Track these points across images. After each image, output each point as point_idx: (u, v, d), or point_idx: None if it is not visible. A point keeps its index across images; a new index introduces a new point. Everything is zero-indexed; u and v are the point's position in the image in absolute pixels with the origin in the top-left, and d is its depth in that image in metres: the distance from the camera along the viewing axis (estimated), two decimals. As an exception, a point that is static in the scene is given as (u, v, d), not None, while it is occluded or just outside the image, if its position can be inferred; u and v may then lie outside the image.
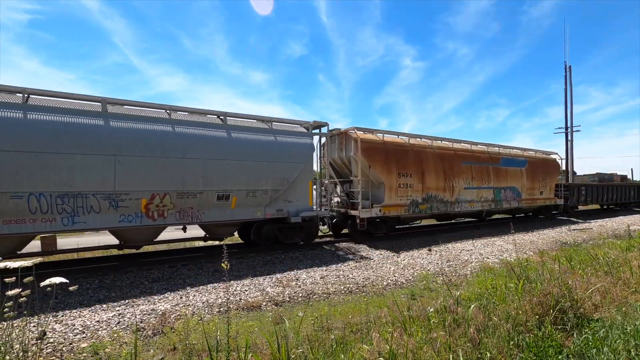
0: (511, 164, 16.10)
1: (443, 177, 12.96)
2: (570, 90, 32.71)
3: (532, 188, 17.10)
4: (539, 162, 17.97)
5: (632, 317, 4.03)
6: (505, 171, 15.67)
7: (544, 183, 17.92)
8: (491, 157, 15.31)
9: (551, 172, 18.73)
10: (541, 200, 18.00)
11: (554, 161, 19.55)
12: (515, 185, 16.18)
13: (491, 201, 14.91)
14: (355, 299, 5.94)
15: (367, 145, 11.05)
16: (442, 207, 13.03)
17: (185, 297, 5.93)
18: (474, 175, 14.13)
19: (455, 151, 13.92)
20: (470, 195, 14.05)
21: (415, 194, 12.10)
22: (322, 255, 9.40)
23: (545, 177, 17.98)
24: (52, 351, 3.97)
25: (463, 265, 8.27)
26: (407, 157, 12.05)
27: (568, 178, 32.56)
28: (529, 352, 3.30)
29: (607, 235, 12.78)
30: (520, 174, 16.50)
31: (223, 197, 8.46)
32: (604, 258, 6.90)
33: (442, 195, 12.97)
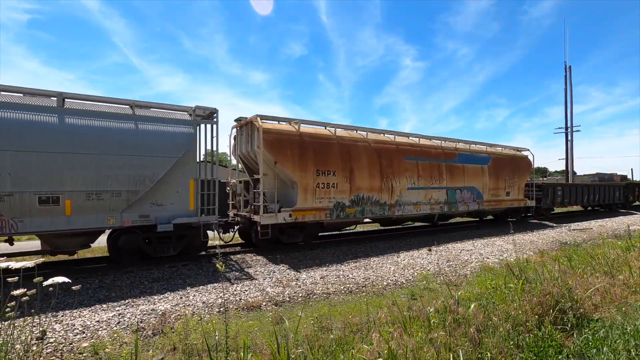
0: (470, 160, 14.27)
1: (379, 176, 11.14)
2: (570, 90, 32.75)
3: (496, 188, 15.22)
4: (505, 159, 16.05)
5: (632, 317, 4.03)
6: (462, 169, 13.80)
7: (511, 182, 15.97)
8: (445, 152, 13.40)
9: (521, 170, 16.71)
10: (508, 202, 15.99)
11: (525, 158, 17.47)
12: (475, 185, 14.29)
13: (444, 203, 13.06)
14: (355, 299, 5.94)
15: (273, 137, 9.24)
16: (378, 211, 11.18)
17: (185, 297, 5.93)
18: (420, 173, 12.29)
19: (398, 146, 12.00)
20: (415, 197, 12.19)
21: (340, 195, 10.26)
22: (322, 255, 9.39)
23: (512, 176, 16.03)
24: (53, 351, 3.97)
25: (463, 265, 8.27)
26: (331, 151, 10.16)
27: (568, 178, 32.58)
28: (529, 352, 3.31)
29: (607, 235, 12.78)
30: (482, 173, 14.62)
31: (49, 200, 6.60)
32: (604, 258, 6.90)
33: (378, 196, 11.15)
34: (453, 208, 13.51)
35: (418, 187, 12.29)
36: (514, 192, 16.31)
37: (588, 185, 22.90)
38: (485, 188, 14.82)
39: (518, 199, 16.59)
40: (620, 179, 38.32)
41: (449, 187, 13.31)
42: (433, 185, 12.73)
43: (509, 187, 15.95)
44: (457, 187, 13.59)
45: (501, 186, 15.55)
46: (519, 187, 16.54)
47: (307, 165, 9.68)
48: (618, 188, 25.10)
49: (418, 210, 12.36)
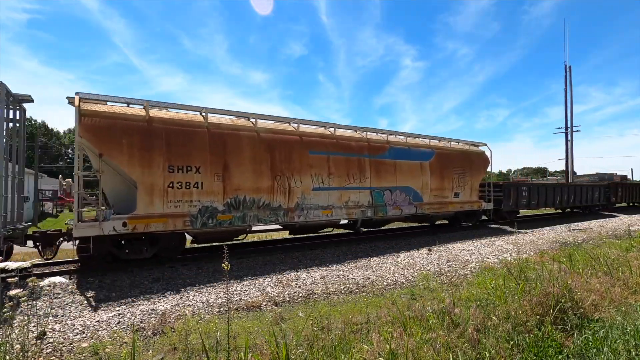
0: (406, 156, 12.07)
1: (270, 173, 8.95)
2: (570, 90, 32.76)
3: (440, 188, 12.99)
4: (454, 155, 13.81)
5: (632, 317, 4.03)
6: (393, 166, 11.64)
7: (461, 182, 13.70)
8: (370, 146, 11.18)
9: (474, 167, 14.41)
10: (456, 205, 13.63)
11: (481, 154, 15.19)
12: (412, 184, 12.12)
13: (367, 207, 10.87)
14: (355, 299, 5.94)
15: (97, 122, 7.19)
16: (269, 216, 8.98)
17: (185, 297, 5.93)
18: (333, 170, 10.12)
19: (302, 137, 9.80)
20: (325, 199, 10.00)
21: (208, 197, 8.10)
22: (322, 255, 9.39)
23: (463, 174, 13.82)
24: (52, 351, 3.97)
25: (463, 265, 8.27)
26: (195, 142, 8.02)
27: (568, 178, 32.58)
28: (529, 352, 3.31)
29: (607, 235, 12.78)
30: (421, 170, 12.39)
31: None
32: (604, 258, 6.90)
33: (268, 199, 8.98)
34: (380, 212, 11.19)
35: (329, 187, 10.05)
36: (465, 193, 13.98)
37: (561, 185, 21.03)
38: (425, 188, 12.49)
39: (470, 200, 14.22)
40: (620, 179, 38.34)
41: (375, 188, 11.08)
42: (351, 185, 10.50)
43: (458, 187, 13.67)
44: (386, 187, 11.39)
45: (447, 186, 13.28)
46: (471, 187, 14.25)
47: (154, 159, 7.53)
48: (598, 188, 23.19)
49: (329, 216, 10.06)
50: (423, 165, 12.60)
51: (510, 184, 17.34)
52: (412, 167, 12.22)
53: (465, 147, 14.84)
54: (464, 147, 14.83)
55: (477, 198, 14.70)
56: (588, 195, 21.80)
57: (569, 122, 32.87)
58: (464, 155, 14.34)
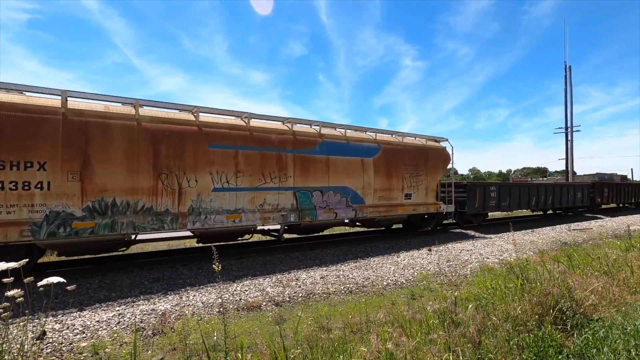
0: (343, 151, 10.51)
1: (152, 171, 7.42)
2: (570, 90, 32.78)
3: (387, 189, 11.40)
4: (405, 151, 12.10)
5: (632, 317, 4.03)
6: (326, 162, 10.03)
7: (413, 181, 12.10)
8: (296, 139, 9.62)
9: (431, 165, 12.75)
10: (408, 207, 11.98)
11: (439, 150, 13.46)
12: (351, 184, 10.53)
13: (289, 211, 9.31)
14: (355, 299, 5.95)
15: None
16: (151, 223, 7.42)
17: (185, 297, 5.94)
18: (242, 167, 8.57)
19: (201, 127, 8.17)
20: (230, 202, 8.42)
21: (58, 201, 6.67)
22: (322, 255, 9.40)
23: (417, 173, 12.23)
24: (52, 351, 3.97)
25: (463, 265, 8.27)
26: (41, 131, 6.56)
27: (568, 178, 32.60)
28: (529, 352, 3.31)
29: (607, 235, 12.78)
30: (362, 168, 10.82)
31: None
32: (604, 258, 6.90)
33: (149, 202, 7.42)
34: (307, 217, 9.60)
35: (236, 187, 8.50)
36: (419, 194, 12.34)
37: (538, 185, 19.27)
38: (368, 188, 10.90)
39: (426, 202, 12.57)
40: (620, 179, 38.36)
41: (301, 188, 9.53)
42: (268, 185, 8.95)
43: (410, 188, 12.04)
44: (315, 187, 9.81)
45: (396, 186, 11.66)
46: (427, 188, 12.58)
47: None
48: (581, 188, 21.52)
49: (237, 221, 8.48)
50: (366, 162, 10.93)
51: (475, 184, 15.51)
52: (350, 165, 10.59)
53: (420, 142, 13.08)
54: (419, 142, 13.05)
55: (434, 199, 12.93)
56: (569, 196, 20.20)
57: (569, 122, 32.90)
58: (419, 151, 12.57)
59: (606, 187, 23.81)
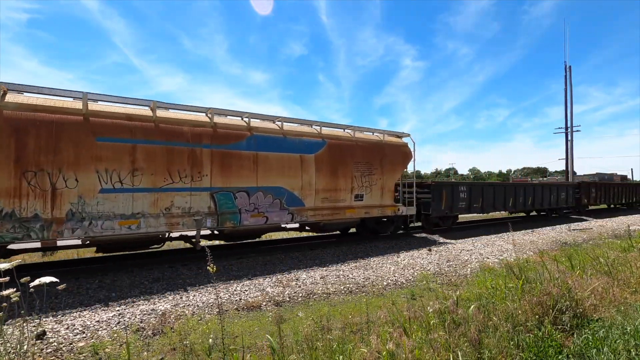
0: (277, 147, 9.18)
1: (13, 168, 6.24)
2: (570, 90, 32.78)
3: (332, 189, 10.14)
4: (356, 147, 10.78)
5: (632, 317, 4.03)
6: (253, 159, 8.69)
7: (365, 181, 10.81)
8: (216, 132, 8.31)
9: (387, 162, 11.41)
10: (359, 210, 10.68)
11: (398, 146, 12.01)
12: (286, 184, 9.23)
13: (206, 214, 8.02)
14: (355, 299, 5.95)
15: None
16: (10, 231, 6.13)
17: (185, 297, 5.94)
18: (141, 164, 7.34)
19: (87, 116, 6.95)
20: (125, 205, 7.17)
21: None
22: (322, 255, 9.40)
23: (370, 171, 10.93)
24: (52, 351, 3.97)
25: (463, 265, 8.27)
26: None
27: (568, 178, 32.60)
28: (529, 352, 3.31)
29: (607, 235, 12.78)
30: (301, 166, 9.51)
31: None
32: (604, 258, 6.90)
33: (10, 206, 6.21)
34: (229, 221, 8.33)
35: (132, 188, 7.24)
36: (373, 195, 11.02)
37: (515, 184, 17.97)
38: (308, 189, 9.61)
39: (382, 204, 11.24)
40: (620, 179, 38.36)
41: (221, 189, 8.23)
42: (176, 185, 7.63)
43: (362, 188, 10.74)
44: (240, 187, 8.51)
45: (344, 186, 10.37)
46: (383, 188, 11.24)
47: None
48: (565, 189, 20.08)
49: (134, 228, 7.18)
50: (306, 159, 9.61)
51: (441, 184, 14.14)
52: (286, 162, 9.26)
53: (376, 137, 11.69)
54: (375, 137, 11.68)
55: (392, 201, 11.56)
56: (552, 197, 18.77)
57: (569, 122, 32.90)
58: (373, 147, 11.23)
59: (593, 187, 22.31)
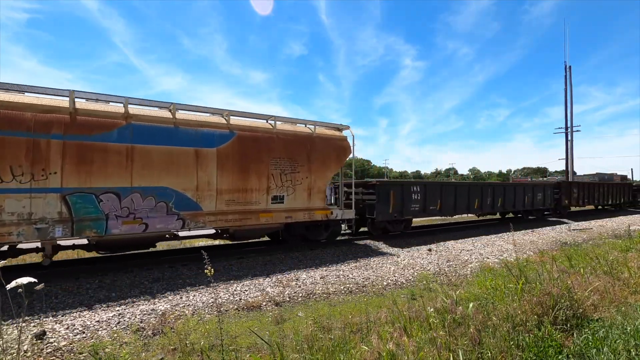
0: (165, 138, 7.60)
1: None
2: (570, 90, 32.77)
3: (242, 190, 8.58)
4: (278, 140, 9.23)
5: (632, 317, 4.03)
6: (127, 153, 7.20)
7: (288, 180, 9.28)
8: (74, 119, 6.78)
9: (317, 158, 9.84)
10: (278, 214, 9.09)
11: (335, 140, 10.38)
12: (175, 184, 7.66)
13: (55, 222, 6.52)
14: (355, 299, 5.95)
15: None
16: None
17: (185, 297, 5.94)
18: None
19: None
20: None
21: None
22: (322, 255, 9.40)
23: (294, 168, 9.38)
24: (52, 351, 3.97)
25: (463, 265, 8.27)
26: None
27: (568, 178, 32.61)
28: (529, 352, 3.31)
29: (607, 235, 12.78)
30: (197, 161, 7.94)
31: None
32: (604, 258, 6.90)
33: None
34: (91, 230, 6.86)
35: None
36: (298, 197, 9.47)
37: (482, 184, 16.01)
38: (206, 189, 8.06)
39: (310, 207, 9.69)
40: (620, 179, 38.29)
41: (76, 189, 6.73)
42: (6, 185, 6.18)
43: (283, 188, 9.20)
44: (106, 188, 7.02)
45: (257, 186, 8.80)
46: (311, 188, 9.69)
47: None
48: (542, 189, 18.05)
49: None
50: (203, 154, 8.03)
51: (388, 183, 12.35)
52: (175, 157, 7.67)
53: (305, 129, 10.07)
54: (303, 129, 10.04)
55: (322, 203, 9.97)
56: (526, 198, 17.02)
57: (569, 122, 32.89)
58: (300, 140, 9.63)
59: (575, 187, 20.49)
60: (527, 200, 17.11)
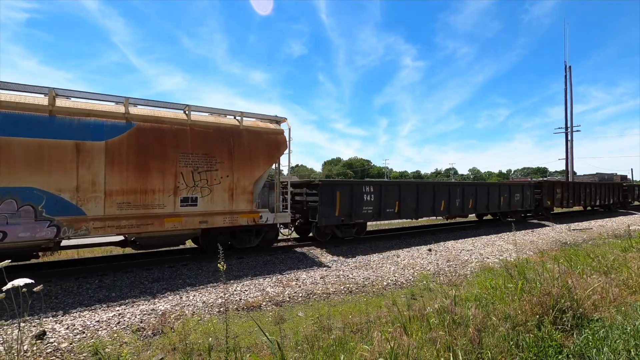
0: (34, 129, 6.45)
1: None
2: (570, 90, 32.79)
3: (141, 191, 7.34)
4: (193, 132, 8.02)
5: (632, 317, 4.03)
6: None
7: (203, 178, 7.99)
8: None
9: (244, 154, 8.61)
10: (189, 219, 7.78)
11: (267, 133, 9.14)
12: (45, 184, 6.48)
13: None
14: (355, 299, 5.95)
15: None
16: None
17: (185, 297, 5.94)
18: None
19: None
20: None
21: None
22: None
23: (211, 166, 8.10)
24: (52, 351, 3.97)
25: (463, 265, 8.27)
26: None
27: (568, 178, 32.60)
28: (529, 352, 3.31)
29: (607, 235, 12.79)
30: (76, 157, 6.76)
31: None
32: (604, 258, 6.91)
33: None
34: None
35: None
36: (218, 198, 8.19)
37: (449, 184, 14.30)
38: (91, 190, 6.87)
39: (233, 210, 8.37)
40: (620, 179, 38.26)
41: None
42: None
43: (196, 189, 7.91)
44: None
45: (161, 186, 7.53)
46: (234, 189, 8.41)
47: None
48: (520, 189, 16.64)
49: None
50: (87, 147, 6.86)
51: (333, 183, 10.82)
52: (46, 151, 6.50)
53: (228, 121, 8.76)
54: (226, 121, 8.72)
55: (249, 206, 8.63)
56: (502, 199, 15.59)
57: (569, 122, 32.91)
58: (220, 133, 8.37)
59: (559, 188, 18.97)
60: (503, 202, 15.71)
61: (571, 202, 19.71)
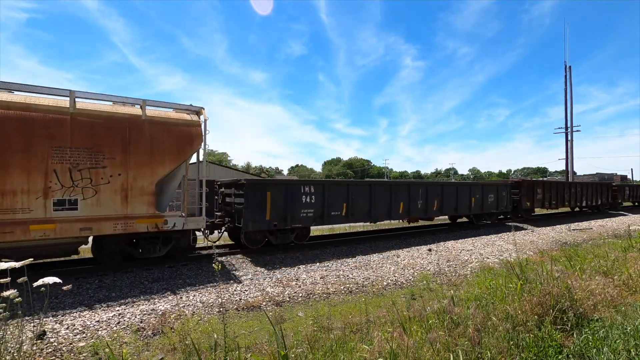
0: None
1: None
2: (570, 90, 32.82)
3: None
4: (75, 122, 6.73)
5: (632, 317, 4.03)
6: None
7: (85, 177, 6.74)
8: None
9: (144, 148, 7.37)
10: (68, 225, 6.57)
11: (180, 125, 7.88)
12: None
13: None
14: (355, 299, 5.95)
15: None
16: None
17: (185, 297, 5.94)
18: None
19: None
20: None
21: None
22: (322, 255, 9.40)
23: (97, 162, 6.89)
24: (53, 351, 3.97)
25: (463, 265, 8.27)
26: None
27: (568, 178, 32.61)
28: (529, 352, 3.31)
29: (607, 235, 12.79)
30: None
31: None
32: (604, 258, 6.90)
33: None
34: None
35: None
36: (106, 200, 6.95)
37: (409, 184, 12.76)
38: None
39: (127, 215, 7.17)
40: (620, 179, 38.24)
41: None
42: None
43: (76, 189, 6.68)
44: None
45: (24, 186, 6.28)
46: (128, 189, 7.17)
47: None
48: (495, 189, 15.37)
49: None
50: None
51: (262, 183, 10.29)
52: None
53: (131, 109, 7.56)
54: (126, 110, 7.50)
55: (150, 209, 7.43)
56: (474, 200, 14.30)
57: (568, 122, 32.93)
58: (114, 124, 7.16)
59: (540, 188, 17.73)
60: (475, 203, 14.36)
61: (554, 204, 18.48)
